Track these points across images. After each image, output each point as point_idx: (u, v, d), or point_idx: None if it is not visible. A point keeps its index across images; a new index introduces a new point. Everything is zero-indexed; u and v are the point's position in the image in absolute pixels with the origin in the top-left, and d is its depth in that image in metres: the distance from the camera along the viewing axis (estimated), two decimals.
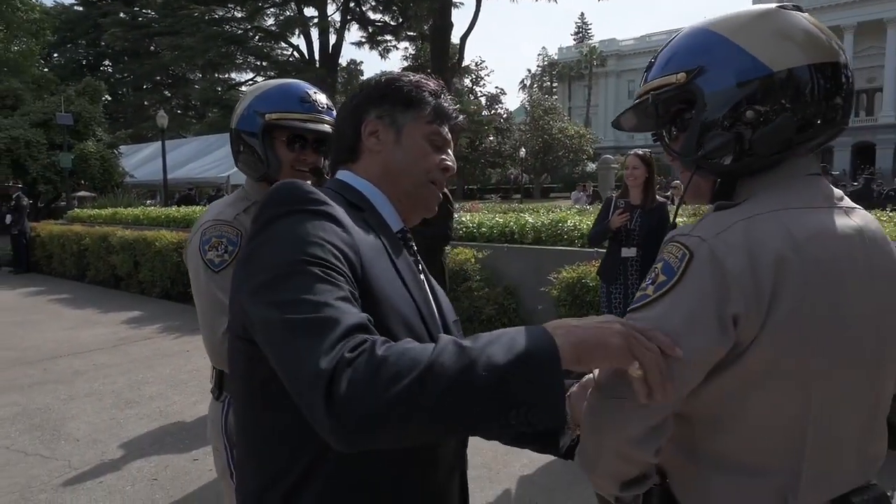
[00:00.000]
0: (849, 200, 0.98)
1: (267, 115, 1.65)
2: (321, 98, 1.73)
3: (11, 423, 4.22)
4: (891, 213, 5.17)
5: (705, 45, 0.96)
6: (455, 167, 1.09)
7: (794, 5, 0.97)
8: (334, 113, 1.75)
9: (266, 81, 1.79)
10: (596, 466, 0.94)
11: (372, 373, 0.69)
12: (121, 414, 4.38)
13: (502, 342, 0.73)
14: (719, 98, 0.93)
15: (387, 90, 1.04)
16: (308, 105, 1.68)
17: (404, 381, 0.69)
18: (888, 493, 0.98)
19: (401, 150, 1.02)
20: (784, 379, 0.87)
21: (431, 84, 1.06)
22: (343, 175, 1.05)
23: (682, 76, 0.96)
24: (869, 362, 0.92)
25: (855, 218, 0.95)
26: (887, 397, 0.98)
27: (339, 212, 0.91)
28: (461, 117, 1.09)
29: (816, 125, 0.92)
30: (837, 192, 0.98)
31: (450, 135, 1.07)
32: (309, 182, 1.62)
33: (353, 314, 0.77)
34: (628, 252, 3.93)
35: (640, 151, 4.05)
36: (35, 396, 4.77)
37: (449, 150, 1.08)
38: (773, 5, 0.97)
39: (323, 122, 1.68)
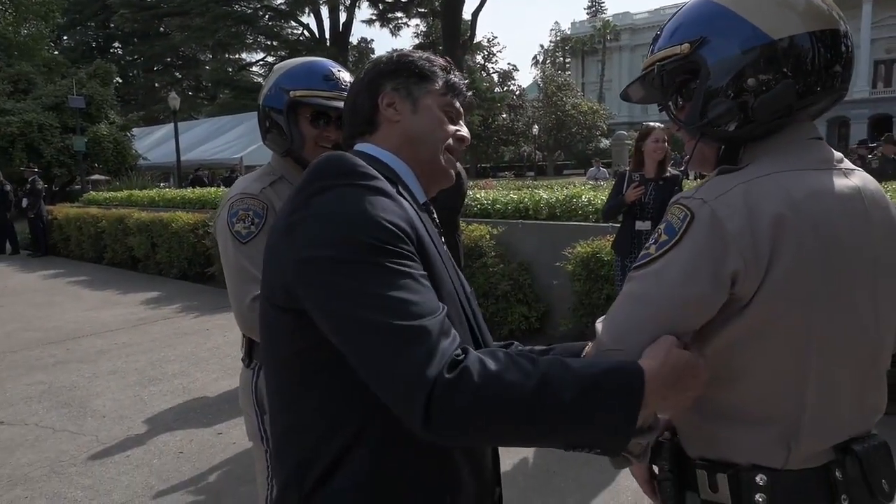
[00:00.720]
0: (848, 162, 1.01)
1: (292, 92, 1.67)
2: (345, 76, 1.75)
3: (38, 401, 4.33)
4: None
5: (708, 15, 0.99)
6: (469, 138, 1.11)
7: None
8: None
9: (292, 59, 1.81)
10: None
11: (471, 404, 0.76)
12: (144, 391, 4.47)
13: (594, 400, 0.80)
14: (722, 67, 0.96)
15: (399, 64, 1.06)
16: (332, 83, 1.70)
17: (499, 418, 0.78)
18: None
19: (418, 119, 1.04)
20: (784, 332, 0.92)
21: (441, 60, 1.09)
22: (365, 147, 1.04)
23: (685, 47, 0.99)
24: (866, 316, 0.96)
25: (853, 178, 0.98)
26: (887, 351, 1.02)
27: (388, 186, 0.91)
28: (470, 93, 1.12)
29: (816, 92, 0.95)
30: (837, 154, 1.01)
31: (461, 109, 1.10)
32: None
33: (435, 315, 0.81)
34: (643, 225, 3.95)
35: (662, 125, 4.03)
36: (60, 375, 4.87)
37: (462, 122, 1.10)
38: None
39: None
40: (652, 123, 4.11)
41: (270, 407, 0.99)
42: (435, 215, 1.08)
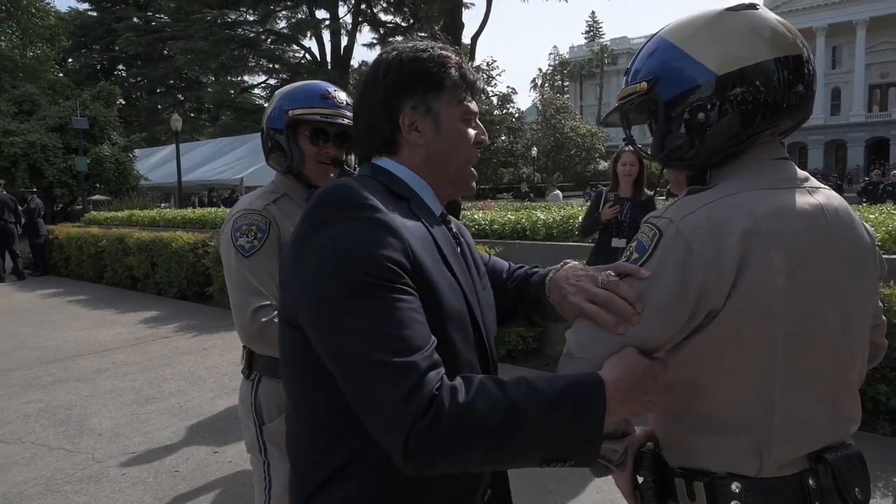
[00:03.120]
0: (815, 181, 1.05)
1: (291, 112, 1.76)
2: (341, 95, 1.83)
3: (35, 420, 4.32)
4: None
5: (660, 53, 1.05)
6: (487, 137, 1.10)
7: (750, 3, 1.03)
8: None
9: (293, 83, 1.90)
10: None
11: (446, 439, 0.79)
12: (141, 410, 4.47)
13: (560, 416, 0.83)
14: (674, 103, 1.03)
15: (414, 74, 1.00)
16: (329, 101, 1.79)
17: (472, 449, 0.81)
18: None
19: (442, 138, 1.02)
20: (751, 344, 0.95)
21: (452, 56, 1.04)
22: (382, 161, 1.03)
23: (644, 85, 1.05)
24: (832, 330, 0.99)
25: (817, 196, 1.02)
26: (859, 363, 1.05)
27: (392, 217, 0.91)
28: (480, 79, 1.09)
29: (780, 111, 0.99)
30: (803, 173, 1.05)
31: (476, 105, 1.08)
32: (339, 172, 1.72)
33: (423, 350, 0.83)
34: (618, 242, 4.17)
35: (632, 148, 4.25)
36: (57, 393, 4.87)
37: (477, 120, 1.08)
38: (724, 8, 1.03)
39: (343, 116, 1.80)
40: (630, 148, 4.33)
41: (289, 414, 1.04)
42: (451, 223, 1.08)
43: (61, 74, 33.44)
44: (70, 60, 40.05)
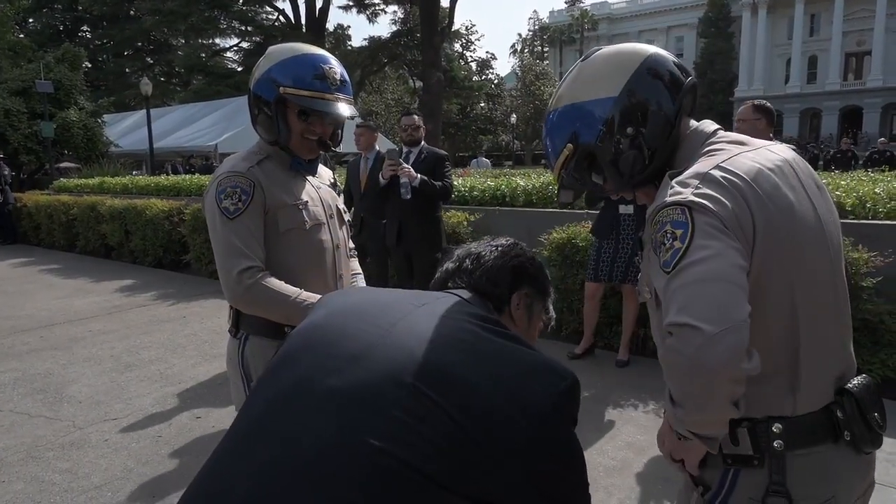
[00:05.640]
0: (763, 140, 1.18)
1: (281, 88, 1.69)
2: (336, 71, 1.75)
3: (13, 388, 4.28)
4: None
5: (565, 117, 1.23)
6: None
7: (592, 50, 1.27)
8: (349, 87, 1.78)
9: (286, 46, 1.79)
10: (708, 404, 0.97)
11: None
12: (121, 377, 4.45)
13: None
14: (604, 138, 1.18)
15: (539, 274, 1.27)
16: (323, 83, 1.71)
17: None
18: None
19: (527, 335, 1.22)
20: (773, 292, 1.04)
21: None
22: (476, 301, 1.14)
23: (570, 147, 1.22)
24: (827, 268, 1.11)
25: (782, 153, 1.15)
26: (846, 297, 1.17)
27: None
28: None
29: (675, 92, 1.17)
30: (743, 136, 1.17)
31: None
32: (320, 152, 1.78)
33: None
34: (626, 209, 4.19)
35: None
36: (34, 362, 4.82)
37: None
38: (578, 61, 1.27)
39: (337, 99, 1.74)
40: None
41: None
42: None
43: (22, 35, 32.03)
44: (31, 21, 38.34)
